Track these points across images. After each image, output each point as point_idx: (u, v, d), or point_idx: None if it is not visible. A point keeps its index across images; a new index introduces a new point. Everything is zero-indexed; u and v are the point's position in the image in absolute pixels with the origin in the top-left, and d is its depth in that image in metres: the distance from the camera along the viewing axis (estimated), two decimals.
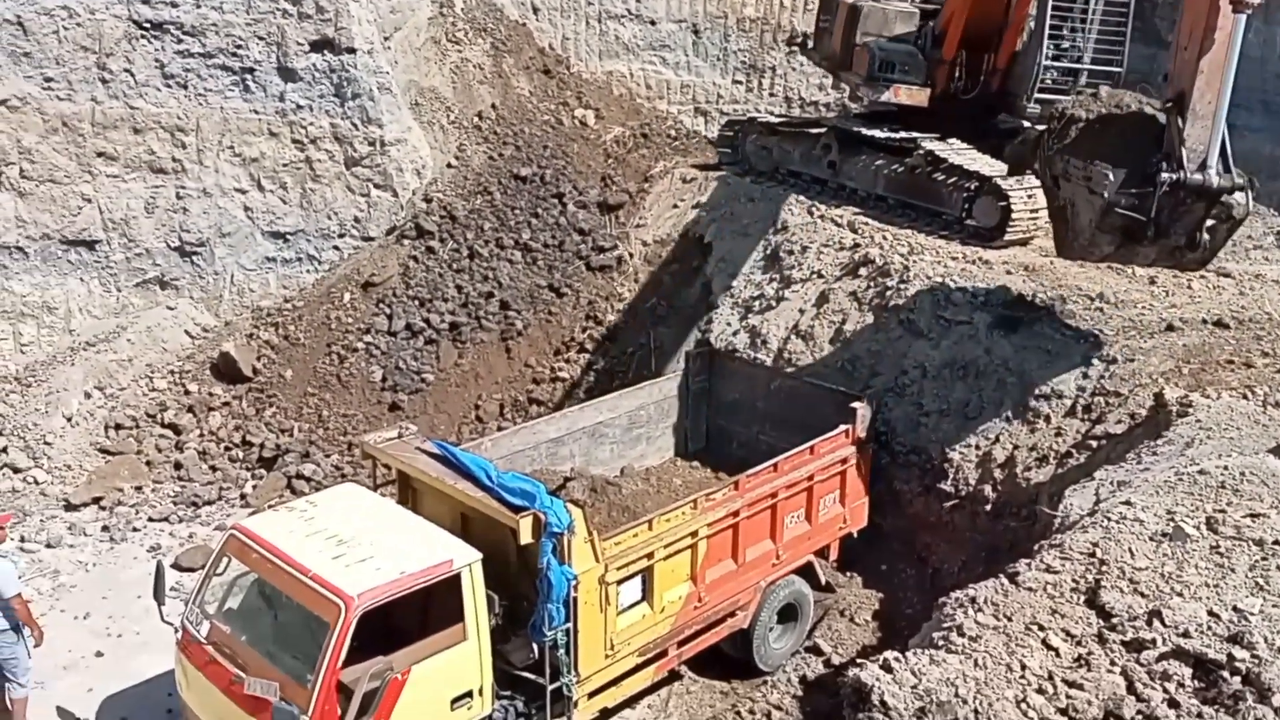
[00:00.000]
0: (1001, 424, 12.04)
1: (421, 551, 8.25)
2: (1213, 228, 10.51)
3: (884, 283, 13.90)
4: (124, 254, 16.14)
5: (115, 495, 13.81)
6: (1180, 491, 8.83)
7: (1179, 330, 12.52)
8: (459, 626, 8.20)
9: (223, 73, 16.25)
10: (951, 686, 6.85)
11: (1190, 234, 10.46)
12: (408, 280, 16.43)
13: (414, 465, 9.34)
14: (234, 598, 8.76)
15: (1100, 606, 7.46)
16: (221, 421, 14.96)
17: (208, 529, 13.31)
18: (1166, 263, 11.18)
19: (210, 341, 16.12)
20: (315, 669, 7.53)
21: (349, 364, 15.55)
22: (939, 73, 16.71)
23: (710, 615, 10.09)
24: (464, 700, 8.29)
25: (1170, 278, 14.42)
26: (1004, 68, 16.16)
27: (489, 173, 17.73)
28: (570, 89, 19.93)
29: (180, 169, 16.27)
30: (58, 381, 14.98)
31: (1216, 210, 10.40)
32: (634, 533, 9.13)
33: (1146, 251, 10.84)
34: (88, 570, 12.46)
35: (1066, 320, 12.70)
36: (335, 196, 16.95)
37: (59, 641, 10.42)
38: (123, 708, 10.10)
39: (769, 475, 10.25)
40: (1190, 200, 10.30)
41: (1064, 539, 8.49)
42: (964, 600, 7.89)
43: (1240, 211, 10.40)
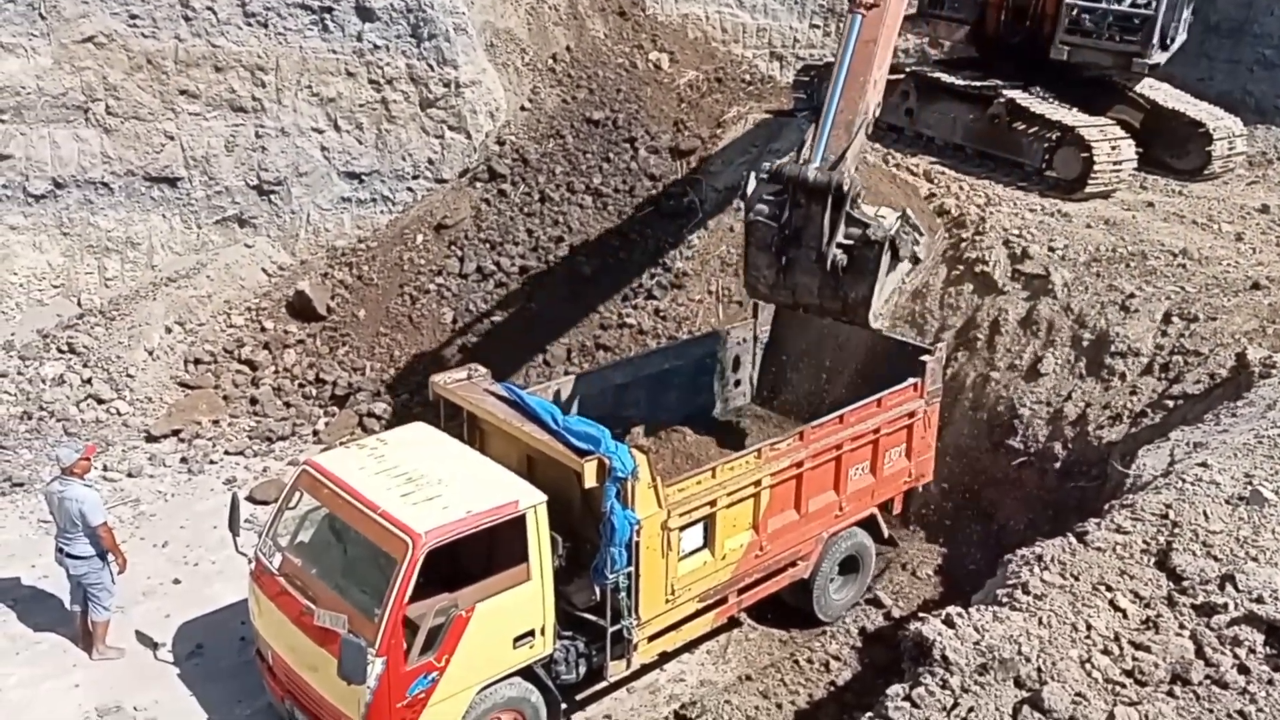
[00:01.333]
0: (1075, 381, 11.80)
1: (488, 492, 8.39)
2: (857, 254, 9.25)
3: (959, 234, 13.62)
4: (204, 191, 16.45)
5: (193, 428, 14.21)
6: (1260, 455, 8.59)
7: (1265, 289, 12.11)
8: (523, 567, 8.34)
9: (302, 11, 16.34)
10: (1015, 644, 6.80)
11: (817, 246, 9.28)
12: (479, 223, 16.52)
13: (482, 406, 9.45)
14: (305, 531, 8.98)
15: (1171, 569, 7.32)
16: (296, 359, 15.28)
17: (281, 463, 13.65)
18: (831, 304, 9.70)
19: (286, 280, 16.42)
20: (383, 604, 7.73)
21: (420, 305, 15.74)
22: (989, 14, 16.34)
23: (771, 564, 10.12)
24: (526, 639, 8.46)
25: (1259, 235, 13.92)
26: (1052, 11, 15.64)
27: (561, 116, 17.65)
28: (645, 32, 19.68)
29: (259, 108, 16.46)
30: (140, 316, 15.41)
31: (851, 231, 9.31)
32: (697, 480, 9.16)
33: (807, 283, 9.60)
34: (167, 500, 12.87)
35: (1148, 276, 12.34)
36: (410, 138, 17.04)
37: (139, 568, 10.81)
38: (198, 633, 10.45)
39: (835, 427, 10.19)
40: (803, 200, 9.34)
41: (1135, 499, 8.33)
42: (1030, 558, 7.80)
43: (879, 234, 9.15)
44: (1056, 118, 15.03)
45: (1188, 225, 14.14)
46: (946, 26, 17.06)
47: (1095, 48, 15.28)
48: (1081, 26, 15.36)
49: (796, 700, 9.83)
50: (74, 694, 9.64)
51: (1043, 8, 15.89)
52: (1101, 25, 15.24)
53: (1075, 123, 14.87)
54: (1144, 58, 14.92)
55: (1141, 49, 14.93)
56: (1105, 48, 15.24)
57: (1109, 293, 12.21)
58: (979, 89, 15.96)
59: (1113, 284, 12.33)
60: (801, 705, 9.79)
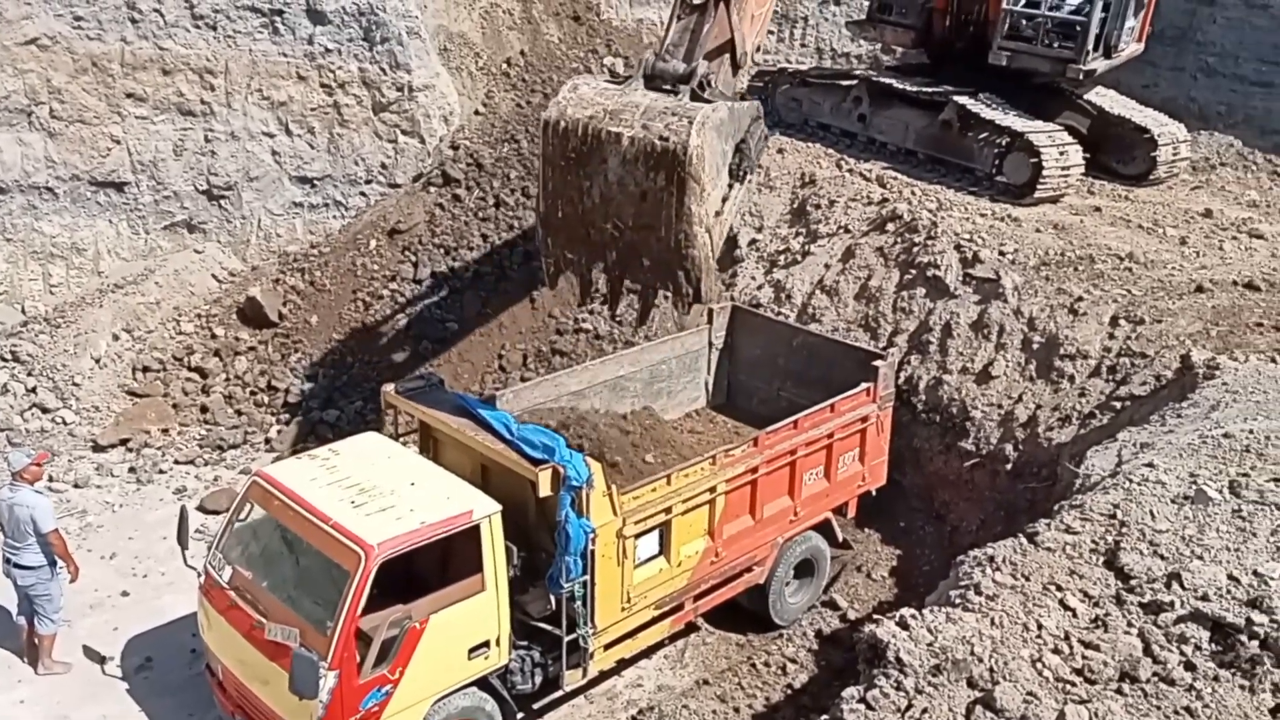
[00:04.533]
0: (1025, 383, 11.96)
1: (442, 502, 8.33)
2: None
3: (911, 239, 13.75)
4: (152, 196, 16.16)
5: (142, 437, 13.96)
6: (1204, 454, 8.77)
7: (1208, 292, 12.37)
8: (477, 577, 8.29)
9: (252, 14, 16.13)
10: (967, 645, 6.88)
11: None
12: (433, 228, 16.39)
13: (435, 415, 9.38)
14: (256, 543, 8.85)
15: (1119, 568, 7.45)
16: (247, 366, 15.07)
17: (232, 472, 13.46)
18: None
19: (237, 286, 16.19)
20: (335, 616, 7.64)
21: (374, 311, 15.59)
22: (935, 20, 16.60)
23: (727, 570, 10.14)
24: (481, 650, 8.41)
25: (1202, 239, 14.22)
26: (994, 18, 15.90)
27: (516, 120, 17.58)
28: (600, 36, 19.67)
29: (209, 111, 16.21)
30: (86, 323, 15.10)
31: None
32: (652, 487, 9.16)
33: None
34: (114, 511, 12.64)
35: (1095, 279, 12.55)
36: (363, 142, 16.88)
37: (86, 580, 10.58)
38: (147, 647, 10.26)
39: (789, 432, 10.24)
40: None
41: (1084, 500, 8.47)
42: (982, 559, 7.90)
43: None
44: (1006, 124, 15.24)
45: (1134, 229, 14.40)
46: (894, 32, 17.31)
47: (1032, 54, 15.52)
48: (1020, 33, 15.60)
49: (754, 704, 9.87)
50: (19, 710, 9.43)
51: (985, 13, 16.13)
52: (1039, 31, 15.47)
53: (1024, 128, 15.09)
54: (1078, 64, 15.18)
55: (1076, 55, 15.19)
56: (1042, 54, 15.48)
57: (1058, 296, 12.39)
58: (930, 95, 16.15)
59: (1061, 287, 12.51)
60: (759, 708, 9.83)
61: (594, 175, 8.57)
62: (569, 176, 8.71)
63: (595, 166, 8.52)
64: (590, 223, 8.86)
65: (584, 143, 8.49)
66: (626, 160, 8.36)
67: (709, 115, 8.35)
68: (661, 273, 8.83)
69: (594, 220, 8.82)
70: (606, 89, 8.87)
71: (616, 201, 8.59)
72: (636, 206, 8.52)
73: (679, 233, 8.45)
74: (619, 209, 8.63)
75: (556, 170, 8.73)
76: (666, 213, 8.40)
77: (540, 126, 8.70)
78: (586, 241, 9.01)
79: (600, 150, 8.46)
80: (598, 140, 8.44)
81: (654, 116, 8.36)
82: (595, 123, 8.45)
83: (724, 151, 8.92)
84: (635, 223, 8.63)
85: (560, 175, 8.74)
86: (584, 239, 9.01)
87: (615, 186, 8.54)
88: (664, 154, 8.20)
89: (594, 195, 8.66)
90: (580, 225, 8.92)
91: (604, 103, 8.60)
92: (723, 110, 8.73)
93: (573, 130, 8.52)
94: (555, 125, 8.58)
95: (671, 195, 8.30)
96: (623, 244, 8.85)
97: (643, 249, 8.76)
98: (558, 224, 8.99)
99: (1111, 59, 15.82)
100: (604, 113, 8.51)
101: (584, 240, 9.02)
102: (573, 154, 8.59)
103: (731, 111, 8.99)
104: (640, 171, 8.34)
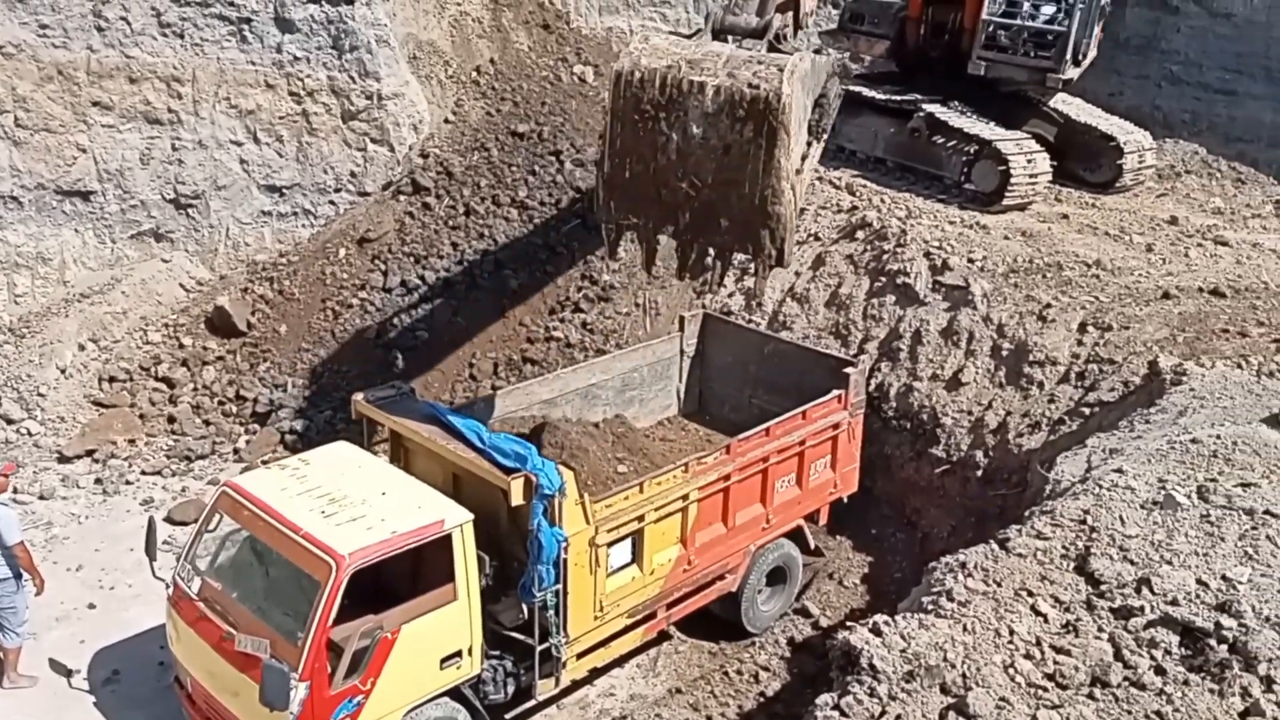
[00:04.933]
0: (995, 390, 12.05)
1: (413, 511, 8.27)
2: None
3: (881, 246, 13.84)
4: (119, 205, 15.98)
5: (108, 448, 13.78)
6: (1172, 460, 8.86)
7: (1175, 298, 12.51)
8: (449, 586, 8.23)
9: (219, 22, 16.00)
10: (940, 651, 6.91)
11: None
12: (403, 236, 16.31)
13: (406, 424, 9.32)
14: (225, 554, 8.77)
15: (1090, 573, 7.51)
16: (215, 376, 14.92)
17: (201, 483, 13.31)
18: None
19: (205, 295, 16.04)
20: (306, 627, 7.57)
21: (343, 320, 15.48)
22: (908, 29, 16.73)
23: (700, 578, 10.13)
24: (453, 660, 8.35)
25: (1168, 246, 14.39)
26: (970, 27, 16.06)
27: (486, 129, 17.55)
28: (569, 45, 19.67)
29: (176, 120, 16.07)
30: (51, 333, 14.90)
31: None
32: (625, 495, 9.14)
33: None
34: (80, 522, 12.46)
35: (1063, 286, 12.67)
36: (332, 150, 16.78)
37: (52, 593, 10.42)
38: (114, 660, 10.12)
39: (761, 440, 10.25)
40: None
41: (1055, 506, 8.53)
42: (954, 565, 7.94)
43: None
44: (974, 132, 15.39)
45: (1101, 237, 14.57)
46: (868, 42, 17.43)
47: (1011, 63, 15.69)
48: (998, 42, 15.77)
49: (726, 712, 9.87)
50: None
51: (960, 22, 16.28)
52: (1017, 41, 15.66)
53: (992, 136, 15.24)
54: (1058, 73, 15.36)
55: (1055, 65, 15.37)
56: (1020, 63, 15.66)
57: (1027, 303, 12.50)
58: (899, 103, 16.27)
59: (1030, 294, 12.62)
60: (731, 717, 9.83)
61: (671, 129, 7.86)
62: (642, 132, 7.96)
63: (673, 120, 7.82)
64: (663, 182, 8.10)
65: (662, 93, 7.79)
66: (709, 111, 7.70)
67: (797, 64, 7.78)
68: (742, 233, 8.10)
69: (668, 179, 8.07)
70: (679, 40, 8.28)
71: (695, 157, 7.89)
72: (718, 162, 7.82)
73: (765, 189, 7.76)
74: (697, 165, 7.92)
75: (627, 126, 7.98)
76: (753, 167, 7.72)
77: (611, 79, 7.98)
78: (657, 203, 8.23)
79: (680, 101, 7.77)
80: (678, 90, 7.75)
81: (739, 65, 7.74)
82: (674, 72, 7.76)
83: (805, 105, 8.39)
84: (715, 180, 7.91)
85: (631, 131, 8.00)
86: (654, 200, 8.22)
87: (695, 141, 7.84)
88: (754, 103, 7.55)
89: (670, 151, 7.94)
90: (651, 185, 8.15)
91: (681, 53, 7.97)
92: (807, 61, 8.18)
93: (649, 81, 7.80)
94: (629, 76, 7.87)
95: (759, 148, 7.64)
96: (699, 204, 8.10)
97: (722, 209, 8.06)
98: (624, 185, 8.22)
99: (1079, 66, 16.03)
100: (683, 62, 7.85)
101: (655, 202, 8.23)
102: (648, 107, 7.88)
103: (813, 64, 8.44)
104: (725, 123, 7.68)
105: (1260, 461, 8.73)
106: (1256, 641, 6.63)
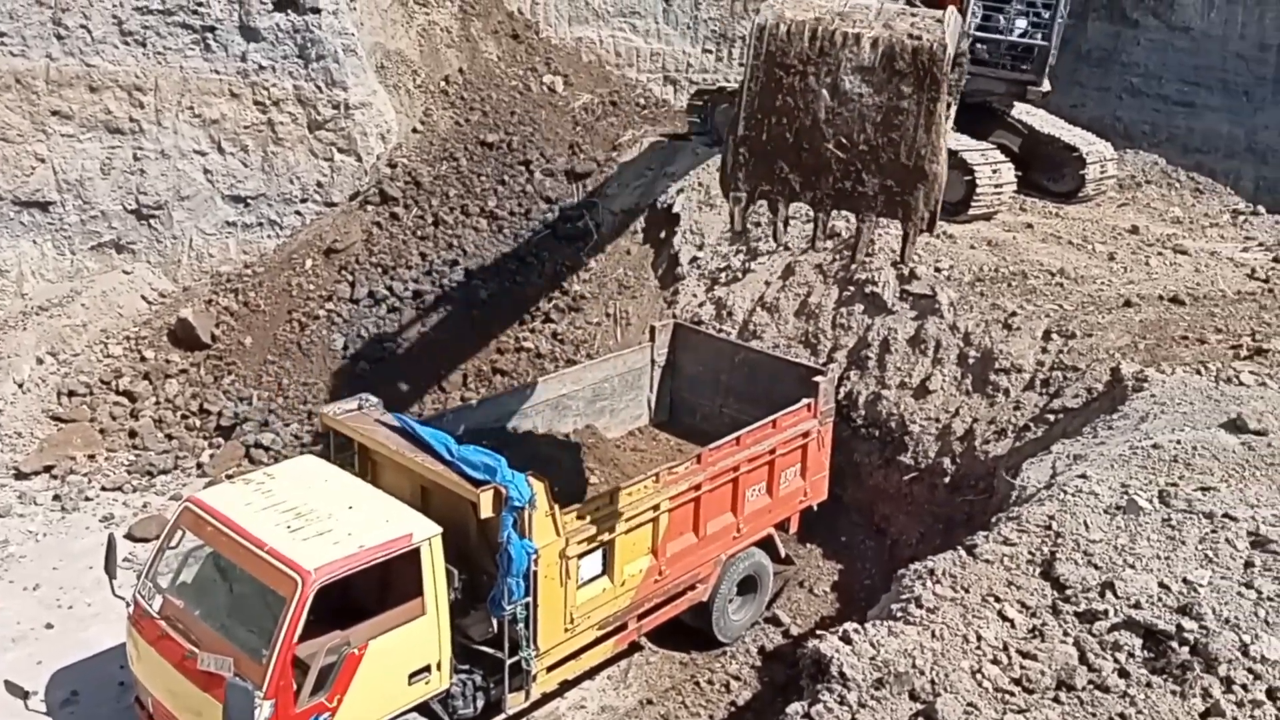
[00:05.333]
0: (962, 397, 12.13)
1: (380, 525, 8.19)
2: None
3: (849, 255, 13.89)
4: (79, 216, 15.78)
5: (67, 464, 13.58)
6: (1134, 465, 8.96)
7: (1136, 306, 12.66)
8: (418, 601, 8.16)
9: (182, 31, 15.87)
10: (909, 657, 6.93)
11: None
12: (371, 247, 16.22)
13: (373, 437, 9.24)
14: (188, 571, 8.64)
15: (1055, 578, 7.57)
16: (178, 389, 14.74)
17: (162, 498, 13.14)
18: None
19: (168, 307, 15.85)
20: (271, 644, 7.47)
21: (310, 331, 15.35)
22: None
23: (671, 588, 10.11)
24: (422, 674, 8.27)
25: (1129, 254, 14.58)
26: None
27: (455, 138, 17.49)
28: (539, 55, 19.67)
29: (138, 129, 15.90)
30: (9, 347, 14.67)
31: None
32: (595, 506, 9.11)
33: None
34: (38, 540, 12.26)
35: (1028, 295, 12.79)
36: (298, 160, 16.66)
37: (8, 613, 10.29)
38: (73, 680, 9.98)
39: (731, 449, 10.25)
40: None
41: (1021, 512, 8.59)
42: (922, 572, 7.97)
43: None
44: None
45: (1064, 246, 14.72)
46: None
47: (994, 77, 15.81)
48: (977, 56, 15.84)
49: None
50: None
51: None
52: (996, 54, 15.74)
53: (958, 147, 15.35)
54: (1039, 85, 15.49)
55: (1036, 77, 15.49)
56: (1002, 76, 15.78)
57: (992, 311, 12.61)
58: None
59: (996, 303, 12.73)
60: None
61: (821, 85, 7.35)
62: (786, 89, 7.43)
63: (823, 75, 7.31)
64: (808, 144, 7.55)
65: (811, 47, 7.27)
66: (865, 65, 7.21)
67: (952, 15, 7.42)
68: (892, 197, 7.56)
69: (813, 140, 7.53)
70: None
71: (845, 115, 7.36)
72: (871, 120, 7.33)
73: (924, 146, 7.30)
74: (847, 124, 7.38)
75: (769, 83, 7.46)
76: (911, 123, 7.24)
77: (752, 33, 7.53)
78: (799, 167, 7.65)
79: (832, 55, 7.26)
80: (830, 43, 7.25)
81: (893, 17, 7.31)
82: (825, 24, 7.26)
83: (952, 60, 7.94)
84: (867, 139, 7.42)
85: (773, 89, 7.46)
86: (795, 164, 7.65)
87: (847, 97, 7.33)
88: (916, 54, 7.11)
89: (817, 110, 7.41)
90: (792, 148, 7.59)
91: (828, 4, 7.52)
92: (955, 15, 7.76)
93: (796, 34, 7.28)
94: (773, 30, 7.35)
95: (919, 104, 7.17)
96: (847, 166, 7.55)
97: (872, 170, 7.52)
98: (760, 148, 7.65)
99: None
100: (831, 15, 7.37)
101: (795, 166, 7.66)
102: (795, 62, 7.34)
103: (956, 20, 7.97)
104: (882, 77, 7.20)
105: (1219, 466, 8.85)
106: (1216, 643, 6.71)
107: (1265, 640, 6.73)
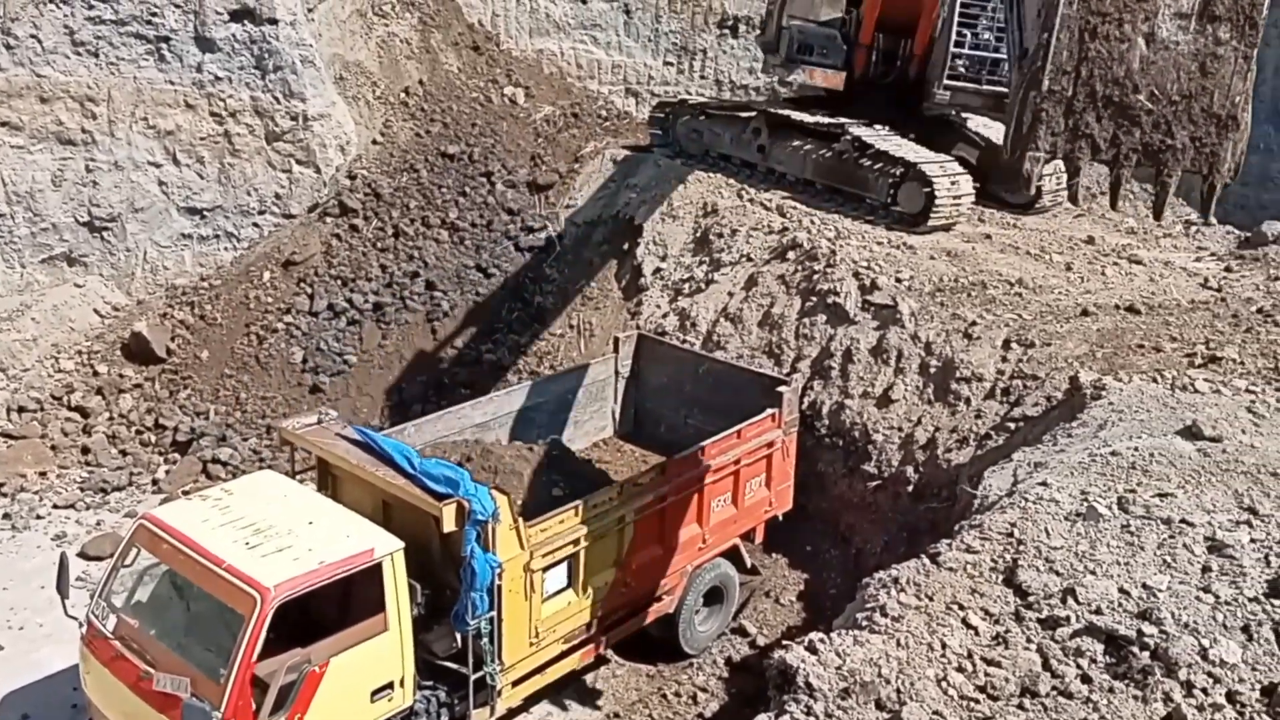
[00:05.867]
0: (924, 406, 12.20)
1: (341, 540, 8.08)
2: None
3: (811, 266, 13.97)
4: (29, 229, 15.49)
5: (18, 481, 13.32)
6: (1094, 472, 9.03)
7: (1093, 315, 12.82)
8: (380, 617, 8.05)
9: (136, 41, 15.66)
10: (875, 666, 6.93)
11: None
12: (330, 259, 16.07)
13: (334, 452, 9.12)
14: (143, 590, 8.47)
15: (1018, 585, 7.60)
16: (133, 404, 14.49)
17: (117, 515, 12.89)
18: None
19: (121, 321, 15.59)
20: (229, 663, 7.34)
21: (268, 345, 15.16)
22: (857, 57, 16.90)
23: (636, 600, 10.06)
24: (385, 692, 8.16)
25: (1086, 264, 14.78)
26: (920, 54, 16.34)
27: (415, 150, 17.39)
28: (500, 66, 19.63)
29: (90, 140, 15.66)
30: None
31: None
32: (560, 519, 9.05)
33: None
34: None
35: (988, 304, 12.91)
36: (255, 172, 16.48)
37: None
38: (24, 703, 9.79)
39: (696, 459, 10.24)
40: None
41: (983, 519, 8.63)
42: (887, 580, 7.98)
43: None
44: (900, 154, 15.63)
45: (1022, 256, 14.89)
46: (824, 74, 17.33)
47: (978, 92, 15.96)
48: (958, 71, 15.98)
49: None
50: None
51: (910, 50, 16.53)
52: (979, 70, 15.89)
53: (918, 159, 15.49)
54: None
55: None
56: (987, 91, 15.93)
57: (953, 321, 12.71)
58: (827, 127, 16.48)
59: (956, 313, 12.84)
60: None
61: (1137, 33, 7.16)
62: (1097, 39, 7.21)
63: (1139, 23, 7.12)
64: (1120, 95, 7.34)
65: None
66: (1185, 11, 7.05)
67: None
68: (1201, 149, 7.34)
69: (1125, 92, 7.32)
70: None
71: (1159, 65, 7.18)
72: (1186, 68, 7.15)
73: (1239, 95, 7.11)
74: (1161, 74, 7.20)
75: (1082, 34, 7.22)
76: (1228, 70, 7.07)
77: None
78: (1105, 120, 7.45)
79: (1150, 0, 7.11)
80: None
81: None
82: None
83: None
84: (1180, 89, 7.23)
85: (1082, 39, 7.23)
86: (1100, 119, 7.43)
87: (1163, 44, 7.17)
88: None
89: (1131, 60, 7.20)
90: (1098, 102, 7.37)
91: None
92: None
93: None
94: None
95: (1235, 50, 7.02)
96: (1157, 119, 7.35)
97: (1183, 122, 7.30)
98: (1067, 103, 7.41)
99: None
100: None
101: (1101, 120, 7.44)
102: (1110, 8, 7.13)
103: None
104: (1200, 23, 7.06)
105: (1175, 472, 8.95)
106: (1176, 648, 6.77)
107: (1223, 644, 6.80)
